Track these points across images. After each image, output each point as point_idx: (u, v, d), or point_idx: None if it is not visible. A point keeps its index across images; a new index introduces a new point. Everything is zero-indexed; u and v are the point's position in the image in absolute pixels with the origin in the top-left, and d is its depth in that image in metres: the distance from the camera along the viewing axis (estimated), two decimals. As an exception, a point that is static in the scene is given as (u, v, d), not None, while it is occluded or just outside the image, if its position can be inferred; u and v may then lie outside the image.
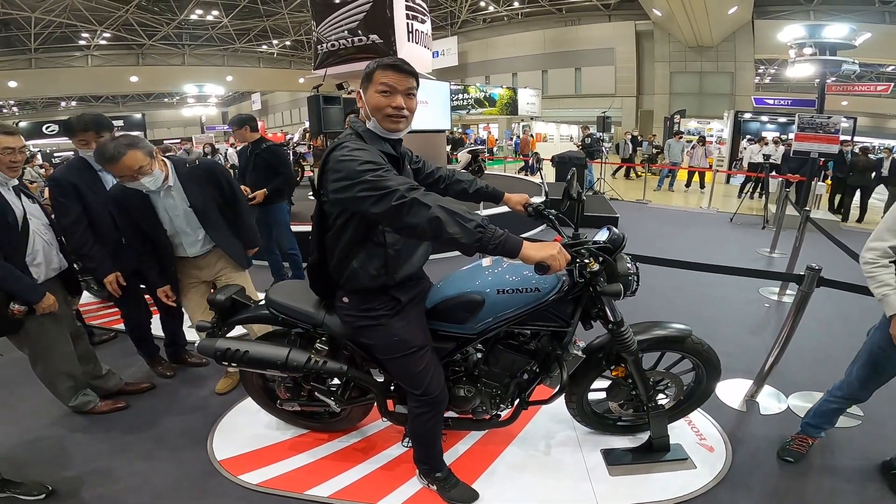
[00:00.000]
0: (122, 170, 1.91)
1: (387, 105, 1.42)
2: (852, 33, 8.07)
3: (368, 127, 1.49)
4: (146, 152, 1.96)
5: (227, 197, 2.33)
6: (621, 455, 2.00)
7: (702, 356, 1.91)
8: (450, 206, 1.28)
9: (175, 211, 2.17)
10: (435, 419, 1.69)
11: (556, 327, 1.70)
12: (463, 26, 25.06)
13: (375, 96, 1.42)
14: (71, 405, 2.30)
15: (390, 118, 1.44)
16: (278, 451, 2.09)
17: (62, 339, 2.17)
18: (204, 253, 2.32)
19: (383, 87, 1.41)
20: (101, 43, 23.78)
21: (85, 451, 2.13)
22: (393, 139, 1.53)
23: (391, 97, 1.42)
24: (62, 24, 20.83)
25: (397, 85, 1.42)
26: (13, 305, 1.92)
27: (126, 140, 1.92)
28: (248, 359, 1.70)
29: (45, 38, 21.73)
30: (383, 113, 1.43)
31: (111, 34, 23.13)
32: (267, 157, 3.61)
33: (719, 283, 4.21)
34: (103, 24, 21.85)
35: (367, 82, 1.46)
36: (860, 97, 23.58)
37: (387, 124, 1.45)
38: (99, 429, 2.28)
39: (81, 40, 23.13)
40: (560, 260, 1.29)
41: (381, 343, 1.60)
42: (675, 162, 10.87)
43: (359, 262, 1.51)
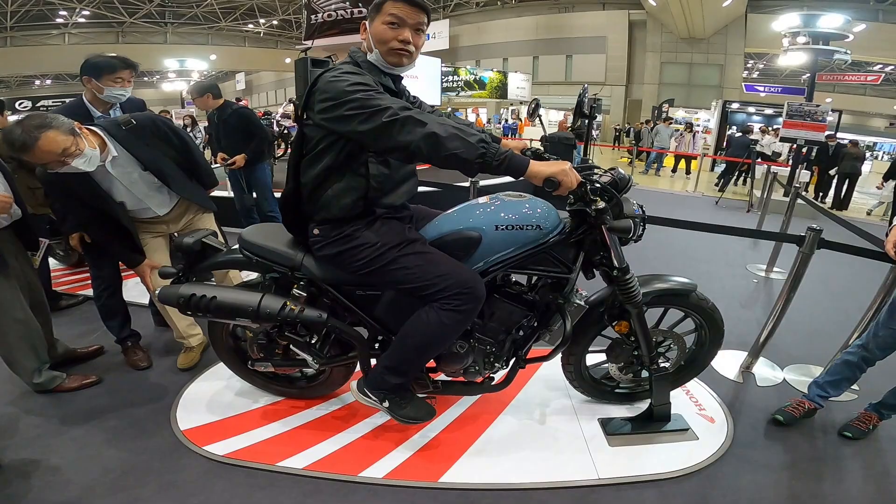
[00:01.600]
0: (41, 157, 1.59)
1: (393, 38, 1.35)
2: (847, 24, 8.15)
3: (370, 58, 1.39)
4: (65, 130, 1.62)
5: (176, 145, 2.08)
6: (620, 424, 1.89)
7: (706, 314, 1.81)
8: (447, 122, 1.17)
9: (130, 179, 1.93)
10: (460, 322, 1.43)
11: (557, 273, 1.57)
12: (455, 10, 24.70)
13: (382, 27, 1.34)
14: (35, 382, 2.01)
15: (395, 52, 1.36)
16: (249, 420, 1.92)
17: (14, 303, 1.89)
18: (172, 208, 2.13)
19: (392, 19, 1.33)
20: (79, 21, 22.84)
21: (30, 423, 1.92)
22: (394, 74, 1.43)
23: (399, 30, 1.34)
24: (40, 1, 19.88)
25: (407, 18, 1.34)
26: None
27: (36, 121, 1.59)
28: (216, 306, 1.51)
29: (22, 17, 20.75)
30: (388, 46, 1.36)
31: (91, 11, 22.20)
32: (235, 121, 3.48)
33: (707, 259, 4.30)
34: (83, 1, 20.93)
35: (374, 12, 1.36)
36: (844, 95, 24.04)
37: (391, 58, 1.38)
38: (51, 400, 2.05)
39: (59, 18, 22.16)
40: (571, 176, 1.20)
41: (367, 260, 1.44)
42: (663, 146, 10.95)
43: (334, 190, 1.39)
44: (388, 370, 1.58)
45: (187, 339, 2.29)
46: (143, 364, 2.31)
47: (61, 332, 2.35)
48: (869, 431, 1.92)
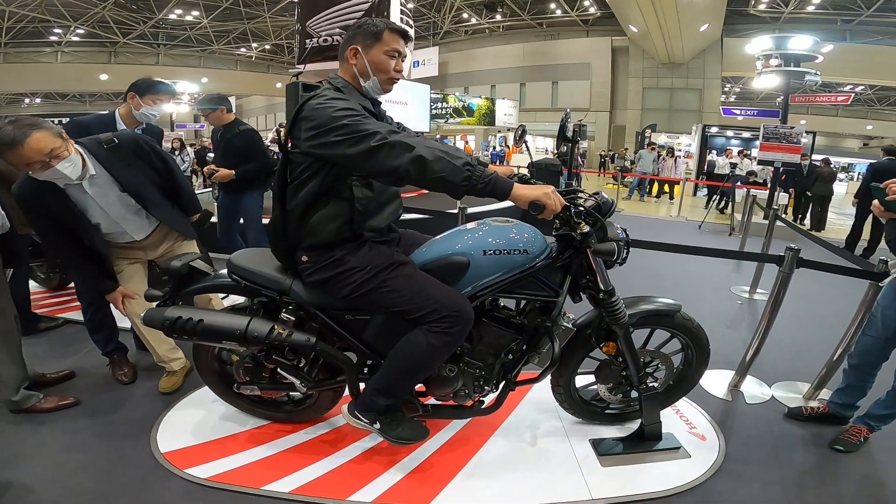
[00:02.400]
0: (29, 155, 1.59)
1: (392, 68, 1.45)
2: (816, 45, 8.50)
3: (365, 85, 1.47)
4: (54, 133, 1.65)
5: (158, 168, 2.06)
6: (612, 445, 1.89)
7: (691, 334, 1.84)
8: (434, 145, 1.20)
9: (107, 200, 1.90)
10: (449, 344, 1.45)
11: (544, 297, 1.59)
12: (445, 37, 25.37)
13: (383, 57, 1.44)
14: (12, 400, 1.94)
15: (391, 80, 1.48)
16: (233, 443, 1.87)
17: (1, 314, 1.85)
18: (150, 233, 2.10)
19: (393, 52, 1.44)
20: (72, 39, 22.96)
21: (3, 443, 1.86)
22: (373, 98, 1.53)
23: (396, 61, 1.46)
24: (35, 18, 20.00)
25: (402, 50, 1.47)
26: None
27: (27, 120, 1.62)
28: (202, 329, 1.50)
29: (17, 33, 20.81)
30: (388, 76, 1.46)
31: (85, 31, 22.37)
32: (240, 143, 3.24)
33: (692, 282, 4.36)
34: (78, 20, 21.08)
35: (373, 40, 1.43)
36: (818, 116, 24.99)
37: (387, 86, 1.49)
38: (28, 421, 1.99)
39: (53, 36, 22.27)
40: (555, 200, 1.23)
41: (356, 284, 1.44)
42: (645, 171, 11.17)
43: (320, 216, 1.41)
44: (377, 392, 1.57)
45: (169, 364, 2.23)
46: (125, 379, 2.28)
47: (38, 354, 2.31)
48: (860, 444, 1.94)
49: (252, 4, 22.65)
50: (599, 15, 21.28)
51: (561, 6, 21.57)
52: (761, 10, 18.94)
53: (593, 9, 21.15)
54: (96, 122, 2.26)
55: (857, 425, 1.98)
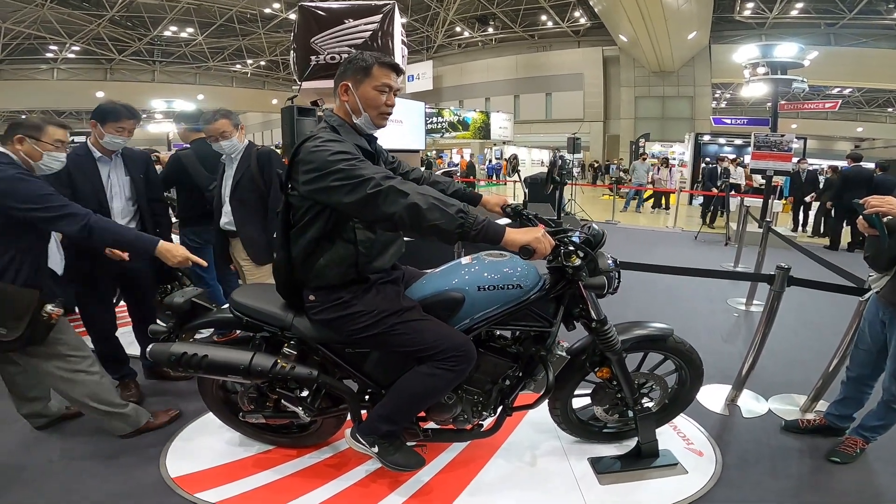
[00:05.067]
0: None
1: (383, 103, 1.45)
2: (801, 52, 8.62)
3: (357, 122, 1.48)
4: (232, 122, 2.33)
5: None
6: (610, 463, 1.92)
7: (684, 356, 1.89)
8: (428, 192, 1.23)
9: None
10: (453, 380, 1.51)
11: (538, 327, 1.64)
12: (438, 51, 25.68)
13: (373, 93, 1.44)
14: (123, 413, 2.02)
15: (383, 116, 1.48)
16: (241, 467, 1.91)
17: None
18: None
19: (383, 87, 1.44)
20: (68, 56, 23.14)
21: (15, 464, 1.91)
22: (368, 134, 1.53)
23: (387, 95, 1.46)
24: (31, 35, 20.20)
25: (393, 84, 1.47)
26: (49, 308, 1.70)
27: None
28: (207, 364, 1.54)
29: (13, 50, 20.98)
30: (379, 111, 1.46)
31: (80, 47, 22.55)
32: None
33: (688, 296, 4.36)
34: (74, 37, 21.28)
35: (362, 76, 1.44)
36: (808, 120, 25.30)
37: (379, 121, 1.49)
38: (37, 442, 2.04)
39: (49, 53, 22.44)
40: (545, 243, 1.26)
41: (363, 326, 1.49)
42: (640, 183, 11.17)
43: (325, 259, 1.44)
44: (381, 418, 1.61)
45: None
46: (132, 400, 2.32)
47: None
48: (856, 455, 1.97)
49: (246, 21, 22.93)
50: (590, 25, 21.63)
51: (552, 17, 21.92)
52: (746, 15, 19.31)
53: (584, 19, 21.50)
54: (72, 157, 2.16)
55: (853, 437, 2.01)
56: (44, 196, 1.66)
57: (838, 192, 6.95)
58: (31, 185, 1.67)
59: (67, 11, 19.33)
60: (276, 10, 21.37)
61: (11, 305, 1.64)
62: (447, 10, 21.48)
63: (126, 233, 1.83)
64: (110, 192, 2.23)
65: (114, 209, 2.24)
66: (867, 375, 2.00)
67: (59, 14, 19.33)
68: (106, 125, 2.15)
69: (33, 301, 1.68)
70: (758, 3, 18.43)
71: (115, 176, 2.26)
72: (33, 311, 1.67)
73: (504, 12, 22.19)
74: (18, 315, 1.65)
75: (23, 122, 1.78)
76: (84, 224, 1.69)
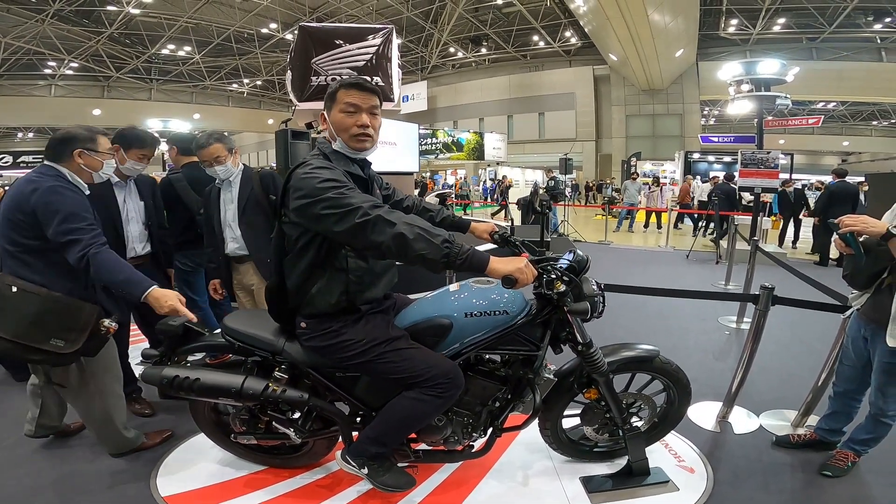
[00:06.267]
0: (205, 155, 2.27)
1: (352, 124, 1.44)
2: (783, 68, 8.81)
3: (336, 148, 1.48)
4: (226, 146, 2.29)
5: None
6: (602, 482, 1.93)
7: (671, 376, 1.92)
8: (415, 221, 1.26)
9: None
10: (441, 406, 1.53)
11: (526, 351, 1.67)
12: (433, 71, 26.12)
13: (339, 116, 1.44)
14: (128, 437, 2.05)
15: (356, 137, 1.46)
16: (232, 487, 1.90)
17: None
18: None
19: (347, 107, 1.43)
20: (66, 73, 23.27)
21: (8, 483, 1.90)
22: (360, 159, 1.53)
23: (356, 116, 1.44)
24: (30, 51, 20.34)
25: (361, 103, 1.44)
26: (106, 323, 1.71)
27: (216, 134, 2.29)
28: (199, 387, 1.56)
29: (11, 65, 21.11)
30: (349, 133, 1.45)
31: (79, 64, 22.71)
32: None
33: (679, 314, 4.38)
34: (72, 53, 21.46)
35: (330, 102, 1.46)
36: (795, 135, 25.81)
37: (353, 143, 1.47)
38: (26, 462, 2.03)
39: (47, 69, 22.57)
40: (527, 273, 1.29)
41: (353, 354, 1.51)
42: (631, 202, 11.26)
43: (318, 287, 1.46)
44: (370, 440, 1.62)
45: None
46: (146, 411, 2.42)
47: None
48: (848, 469, 1.98)
49: (243, 41, 23.24)
50: (580, 45, 22.13)
51: (543, 38, 22.42)
52: (731, 32, 19.82)
53: (574, 39, 22.00)
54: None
55: (844, 450, 2.03)
56: (61, 213, 1.61)
57: (824, 207, 7.10)
58: (61, 199, 1.63)
59: (67, 28, 19.51)
60: (273, 30, 21.71)
61: (76, 318, 1.66)
62: (441, 31, 21.94)
63: (120, 272, 1.66)
64: (126, 216, 2.26)
65: (130, 234, 2.28)
66: (853, 390, 2.03)
67: (58, 30, 19.51)
68: (130, 151, 2.19)
69: (94, 315, 1.71)
70: (741, 20, 18.94)
71: (131, 201, 2.30)
72: (93, 324, 1.69)
73: (497, 33, 22.69)
74: (81, 328, 1.67)
75: (75, 135, 1.75)
76: (82, 255, 1.61)
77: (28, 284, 1.63)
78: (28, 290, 1.62)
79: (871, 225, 1.61)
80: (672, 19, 14.89)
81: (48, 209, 1.61)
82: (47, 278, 1.66)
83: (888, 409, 1.84)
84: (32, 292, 1.62)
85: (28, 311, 1.60)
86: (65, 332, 1.65)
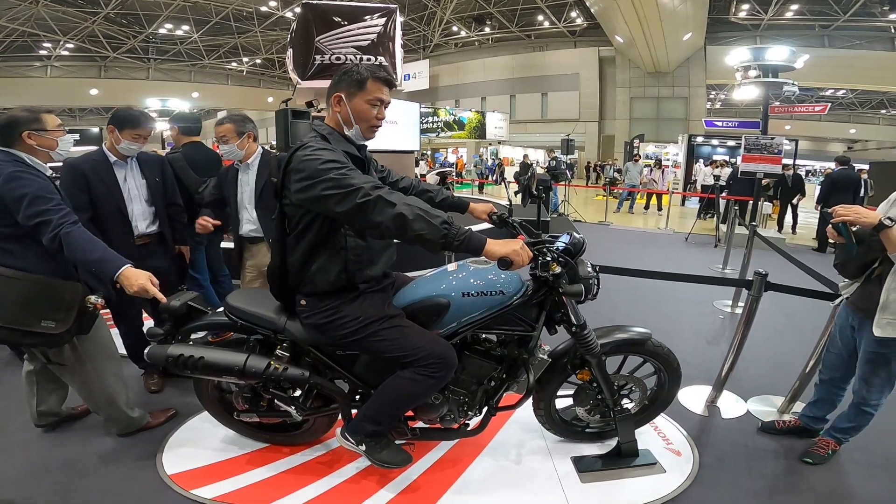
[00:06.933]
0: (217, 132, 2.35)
1: (374, 117, 1.50)
2: (792, 55, 8.70)
3: (348, 134, 1.53)
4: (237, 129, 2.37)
5: None
6: (591, 462, 2.00)
7: (662, 359, 1.96)
8: (414, 202, 1.29)
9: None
10: (433, 386, 1.57)
11: (521, 332, 1.71)
12: (435, 50, 25.68)
13: (365, 106, 1.49)
14: (133, 417, 2.09)
15: (373, 128, 1.53)
16: (235, 465, 1.97)
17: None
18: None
19: (375, 101, 1.49)
20: (62, 54, 22.94)
21: (10, 464, 1.95)
22: (358, 143, 1.57)
23: (379, 109, 1.51)
24: (25, 32, 20.02)
25: (386, 98, 1.51)
26: (93, 299, 1.72)
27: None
28: (203, 365, 1.61)
29: (6, 48, 20.80)
30: (369, 124, 1.51)
31: (75, 45, 22.37)
32: None
33: (675, 298, 4.41)
34: (68, 34, 21.12)
35: (355, 89, 1.48)
36: (801, 121, 25.53)
37: (369, 133, 1.54)
38: (33, 442, 2.09)
39: (42, 50, 22.23)
40: (523, 255, 1.32)
41: (350, 331, 1.55)
42: (632, 184, 11.25)
43: (318, 265, 1.50)
44: (366, 418, 1.69)
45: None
46: (154, 388, 2.48)
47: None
48: (828, 456, 2.03)
49: (242, 19, 22.82)
50: (586, 26, 21.69)
51: (548, 18, 21.97)
52: (742, 17, 19.42)
53: (580, 20, 21.56)
54: (88, 161, 2.23)
55: (825, 438, 2.07)
56: (27, 197, 1.59)
57: (826, 195, 7.08)
58: (23, 184, 1.61)
59: (62, 9, 19.19)
60: (273, 7, 21.29)
61: (60, 298, 1.68)
62: (444, 9, 21.50)
63: (93, 251, 1.62)
64: (128, 195, 2.29)
65: (133, 212, 2.31)
66: (839, 378, 2.07)
67: (53, 11, 19.18)
68: (124, 132, 2.20)
69: (78, 293, 1.73)
70: (753, 5, 18.55)
71: (132, 179, 2.32)
72: (79, 302, 1.71)
73: (501, 12, 22.22)
74: (67, 307, 1.69)
75: (17, 118, 1.70)
76: (54, 234, 1.59)
77: (9, 270, 1.65)
78: (9, 276, 1.64)
79: (863, 215, 1.63)
80: (681, 2, 14.56)
81: (13, 195, 1.61)
82: (27, 262, 1.67)
83: (871, 399, 1.88)
84: (14, 277, 1.64)
85: (13, 296, 1.62)
86: (53, 313, 1.67)
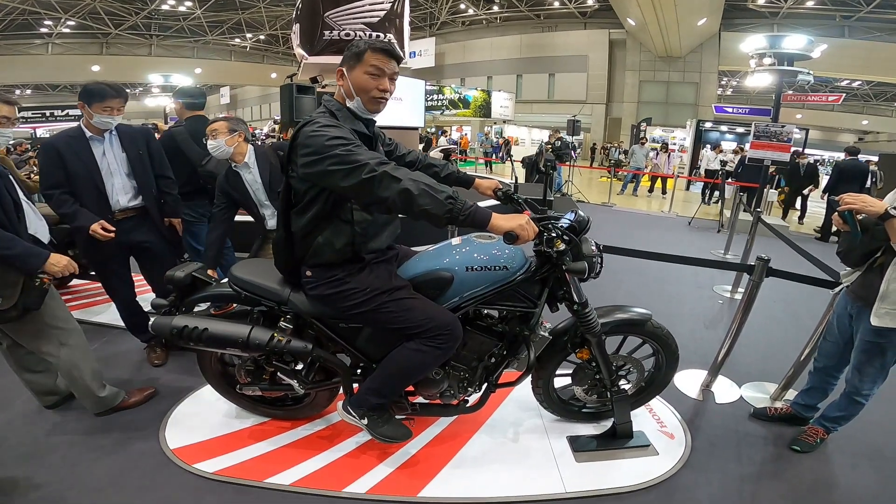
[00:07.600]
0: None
1: (374, 87, 1.47)
2: (810, 45, 8.52)
3: (350, 106, 1.51)
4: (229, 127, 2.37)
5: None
6: (587, 442, 2.03)
7: (661, 340, 1.98)
8: (420, 178, 1.29)
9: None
10: (440, 357, 1.59)
11: (523, 307, 1.72)
12: (441, 28, 25.17)
13: (364, 77, 1.46)
14: (101, 396, 2.06)
15: (375, 100, 1.50)
16: (237, 439, 2.01)
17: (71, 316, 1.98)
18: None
19: (374, 70, 1.45)
20: (63, 31, 22.58)
21: (16, 440, 1.98)
22: (366, 119, 1.56)
23: (379, 79, 1.47)
24: (25, 10, 19.68)
25: (386, 68, 1.47)
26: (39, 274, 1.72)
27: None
28: (207, 337, 1.63)
29: (6, 25, 20.49)
30: (370, 95, 1.48)
31: (76, 22, 22.01)
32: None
33: (677, 280, 4.42)
34: (69, 11, 20.76)
35: (354, 61, 1.47)
36: (813, 110, 25.08)
37: (371, 105, 1.50)
38: (37, 419, 2.12)
39: (43, 28, 21.90)
40: (528, 230, 1.32)
41: (356, 302, 1.56)
42: (638, 167, 11.17)
43: (324, 237, 1.51)
44: (370, 391, 1.71)
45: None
46: (157, 362, 2.54)
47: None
48: (817, 445, 2.06)
49: (246, -6, 22.40)
50: (597, 7, 21.18)
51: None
52: (760, 4, 18.86)
53: (591, 1, 21.04)
54: (64, 138, 2.23)
55: (815, 426, 2.10)
56: None
57: (833, 184, 7.03)
58: None
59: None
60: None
61: (3, 276, 1.65)
62: (452, -14, 20.99)
63: (14, 247, 1.64)
64: (107, 169, 2.27)
65: (114, 186, 2.29)
66: (833, 367, 2.08)
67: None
68: (93, 106, 2.15)
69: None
70: (775, -7, 18.01)
71: (111, 153, 2.29)
72: (24, 278, 1.69)
73: (510, -9, 21.73)
74: (11, 284, 1.67)
75: None
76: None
77: None
78: None
79: (870, 204, 1.62)
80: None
81: None
82: None
83: (863, 389, 1.89)
84: None
85: None
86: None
